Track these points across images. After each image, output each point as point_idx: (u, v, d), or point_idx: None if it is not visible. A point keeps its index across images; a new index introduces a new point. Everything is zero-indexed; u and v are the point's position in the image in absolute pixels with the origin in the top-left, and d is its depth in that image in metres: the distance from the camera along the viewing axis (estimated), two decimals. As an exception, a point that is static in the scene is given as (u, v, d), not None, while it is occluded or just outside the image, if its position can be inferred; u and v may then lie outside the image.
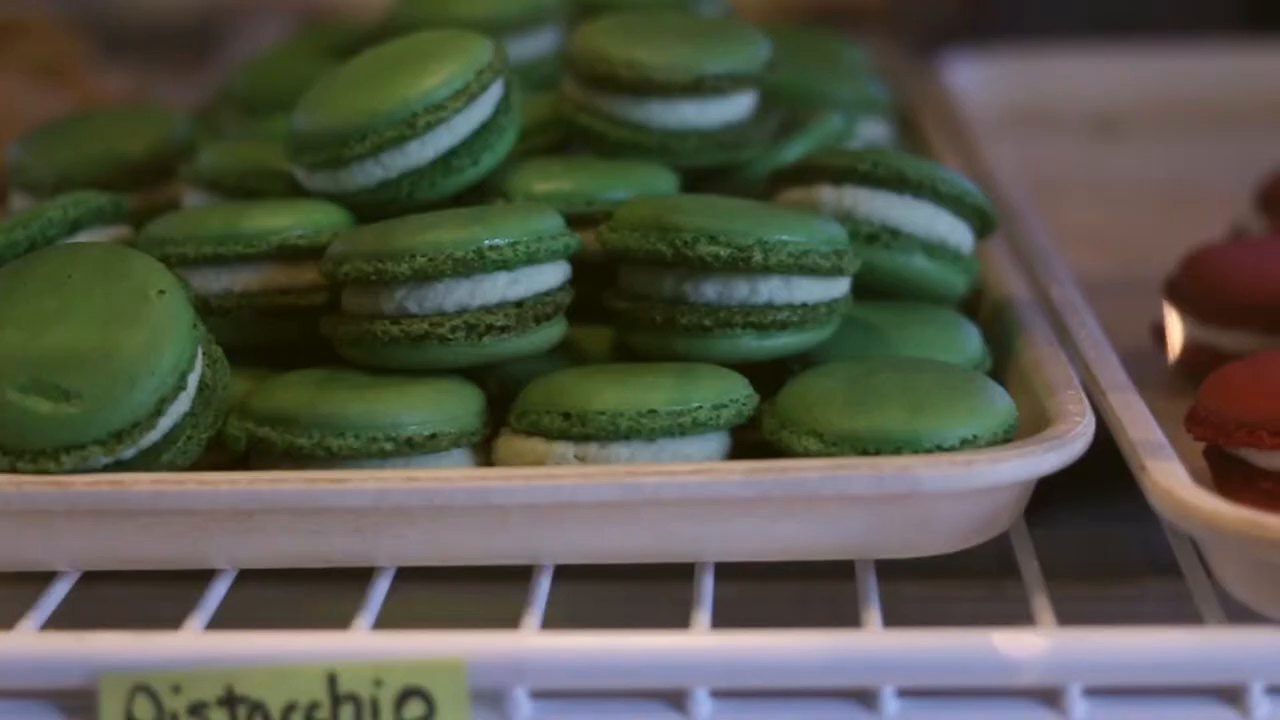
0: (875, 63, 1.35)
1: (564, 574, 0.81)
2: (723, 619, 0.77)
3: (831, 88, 1.06)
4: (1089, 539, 0.91)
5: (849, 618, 0.76)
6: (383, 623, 0.77)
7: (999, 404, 0.80)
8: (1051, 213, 1.24)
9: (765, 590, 0.86)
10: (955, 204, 0.89)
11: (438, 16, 1.04)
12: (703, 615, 0.76)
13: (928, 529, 0.78)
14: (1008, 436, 0.80)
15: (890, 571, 0.82)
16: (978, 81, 1.40)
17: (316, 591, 0.83)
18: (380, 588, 0.79)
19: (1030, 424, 0.82)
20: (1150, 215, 1.25)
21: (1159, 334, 0.97)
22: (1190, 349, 0.94)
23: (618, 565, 0.80)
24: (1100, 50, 1.45)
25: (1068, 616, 0.76)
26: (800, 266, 0.82)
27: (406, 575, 0.81)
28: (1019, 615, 0.77)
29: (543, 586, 0.79)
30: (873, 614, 0.76)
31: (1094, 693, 0.73)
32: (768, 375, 0.84)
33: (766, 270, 0.82)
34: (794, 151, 0.94)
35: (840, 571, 0.82)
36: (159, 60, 1.69)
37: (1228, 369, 0.84)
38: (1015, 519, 0.81)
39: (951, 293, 0.90)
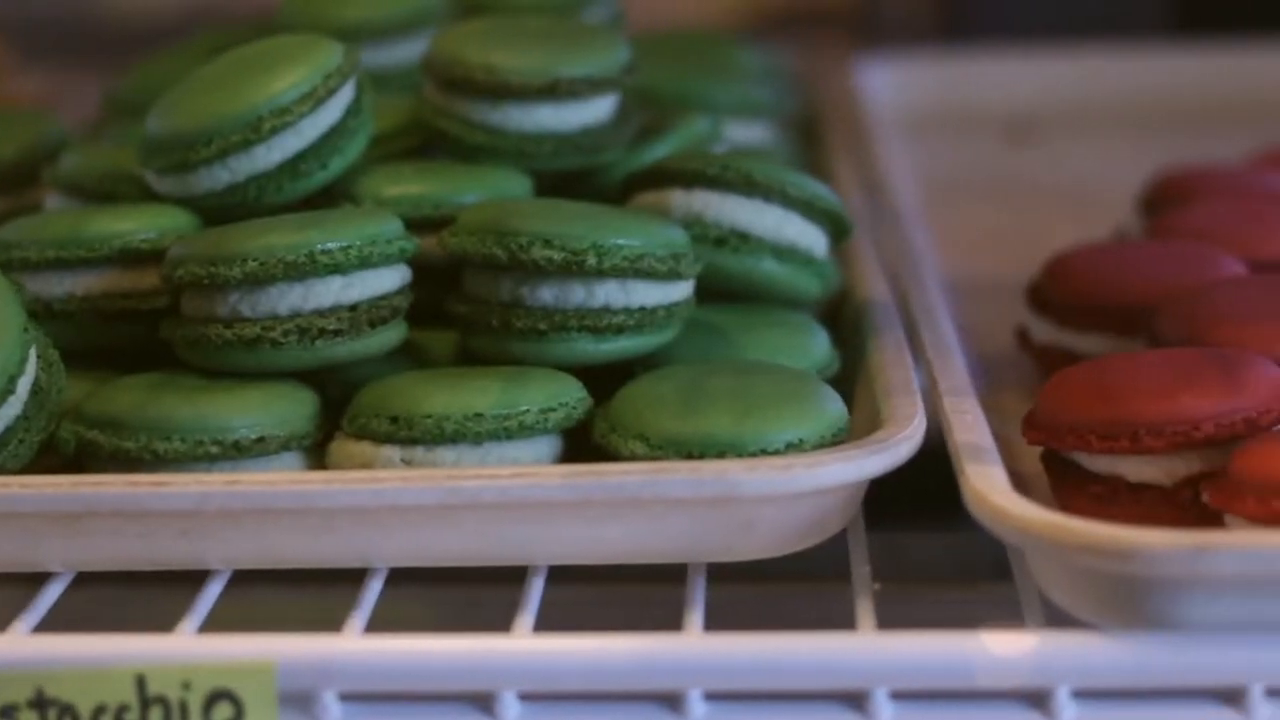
0: (793, 67, 1.36)
1: (411, 577, 0.82)
2: (552, 623, 0.77)
3: (711, 91, 1.06)
4: (934, 542, 0.91)
5: (675, 621, 0.77)
6: (219, 625, 0.77)
7: (829, 408, 0.81)
8: (955, 215, 1.24)
9: (601, 594, 0.86)
10: (806, 208, 0.89)
11: (318, 19, 1.05)
12: (525, 619, 0.76)
13: (752, 533, 0.78)
14: (836, 440, 0.80)
15: (728, 575, 0.82)
16: (894, 85, 1.40)
17: (160, 593, 0.84)
18: (212, 590, 0.79)
19: (870, 428, 0.82)
20: (1055, 218, 1.24)
21: (1022, 338, 0.96)
22: (1049, 352, 0.94)
23: (468, 569, 0.81)
24: (1016, 53, 1.45)
25: (896, 620, 0.77)
26: (636, 270, 0.82)
27: (252, 578, 0.82)
28: (844, 618, 0.77)
29: (373, 590, 0.79)
30: (694, 618, 0.76)
31: (899, 696, 0.73)
32: (618, 379, 0.84)
33: (601, 274, 0.82)
34: (654, 155, 0.94)
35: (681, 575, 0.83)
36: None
37: (1065, 373, 0.84)
38: (848, 522, 0.81)
39: (804, 296, 0.90)
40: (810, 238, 0.90)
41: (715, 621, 0.77)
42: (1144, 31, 1.60)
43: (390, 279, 0.83)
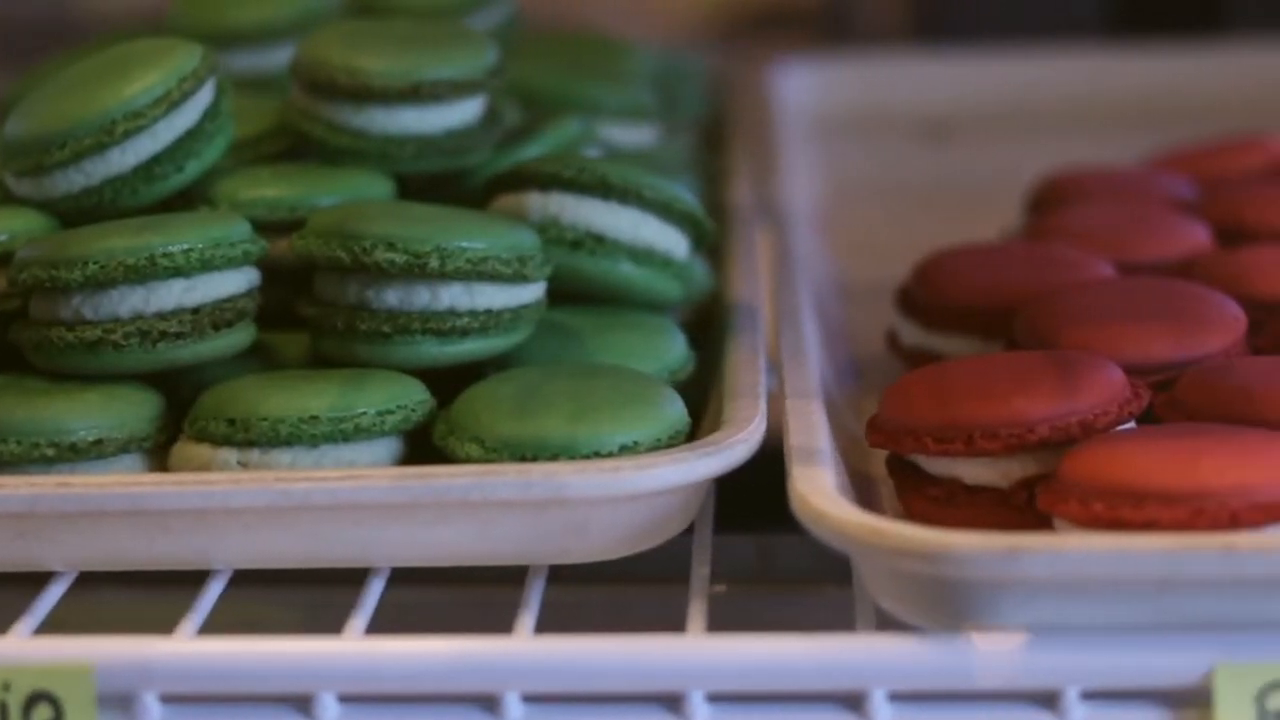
0: (713, 71, 1.36)
1: (268, 578, 0.82)
2: (396, 624, 0.77)
3: (596, 94, 1.06)
4: (793, 545, 0.91)
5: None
6: (68, 627, 0.78)
7: (667, 411, 0.81)
8: (864, 217, 1.25)
9: (455, 595, 0.87)
10: (664, 210, 0.89)
11: (202, 23, 1.05)
12: (358, 621, 0.77)
13: (586, 535, 0.79)
14: (673, 443, 0.80)
15: (579, 576, 0.83)
16: (812, 88, 1.40)
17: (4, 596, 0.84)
18: (54, 592, 0.80)
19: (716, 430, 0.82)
20: (964, 221, 1.24)
21: (891, 341, 0.96)
22: (916, 356, 0.94)
23: (328, 570, 0.81)
24: (934, 55, 1.45)
25: (734, 622, 0.77)
26: (479, 273, 0.82)
27: (110, 579, 0.82)
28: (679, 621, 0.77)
29: (214, 591, 0.79)
30: (526, 621, 0.76)
31: (717, 699, 0.73)
32: (471, 382, 0.84)
33: (444, 276, 0.82)
34: (523, 157, 0.94)
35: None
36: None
37: (908, 376, 0.84)
38: (690, 524, 0.81)
39: (663, 299, 0.90)
40: (669, 240, 0.90)
41: (554, 624, 0.77)
42: (1119, 30, 1.61)
43: (235, 282, 0.83)
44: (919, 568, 0.71)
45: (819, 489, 0.75)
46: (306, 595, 0.90)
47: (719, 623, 0.77)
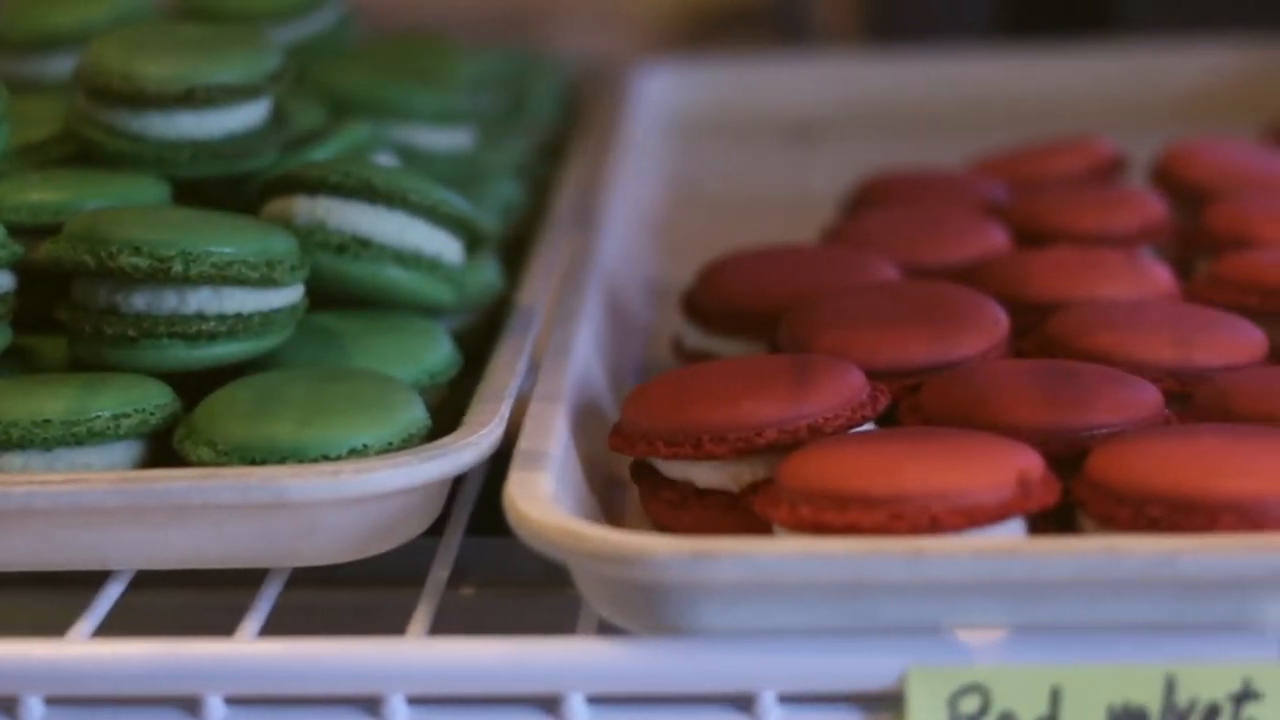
0: (573, 74, 1.36)
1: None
2: (124, 627, 0.78)
3: (408, 98, 1.06)
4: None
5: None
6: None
7: (403, 414, 0.81)
8: (710, 219, 1.24)
9: (205, 599, 0.87)
10: (430, 214, 0.90)
11: (29, 25, 1.06)
12: (84, 625, 0.77)
13: (315, 538, 0.79)
14: (406, 446, 0.80)
15: (331, 579, 0.83)
16: (675, 90, 1.40)
17: None
18: None
19: (471, 433, 0.82)
20: (811, 223, 1.24)
21: (676, 345, 0.96)
22: (698, 359, 0.94)
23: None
24: (797, 58, 1.45)
25: (470, 625, 0.77)
26: (225, 277, 0.83)
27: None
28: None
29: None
30: (249, 624, 0.77)
31: (416, 701, 0.73)
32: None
33: (189, 281, 0.83)
34: (309, 161, 0.94)
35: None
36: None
37: (651, 380, 0.84)
38: (426, 526, 0.82)
39: (433, 302, 0.90)
40: (438, 244, 0.90)
41: (299, 627, 0.77)
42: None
43: (-13, 285, 0.84)
44: (615, 572, 0.72)
45: (529, 493, 0.75)
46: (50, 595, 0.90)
47: (458, 625, 0.77)
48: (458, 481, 0.87)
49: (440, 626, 0.78)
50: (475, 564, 0.86)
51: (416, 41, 1.16)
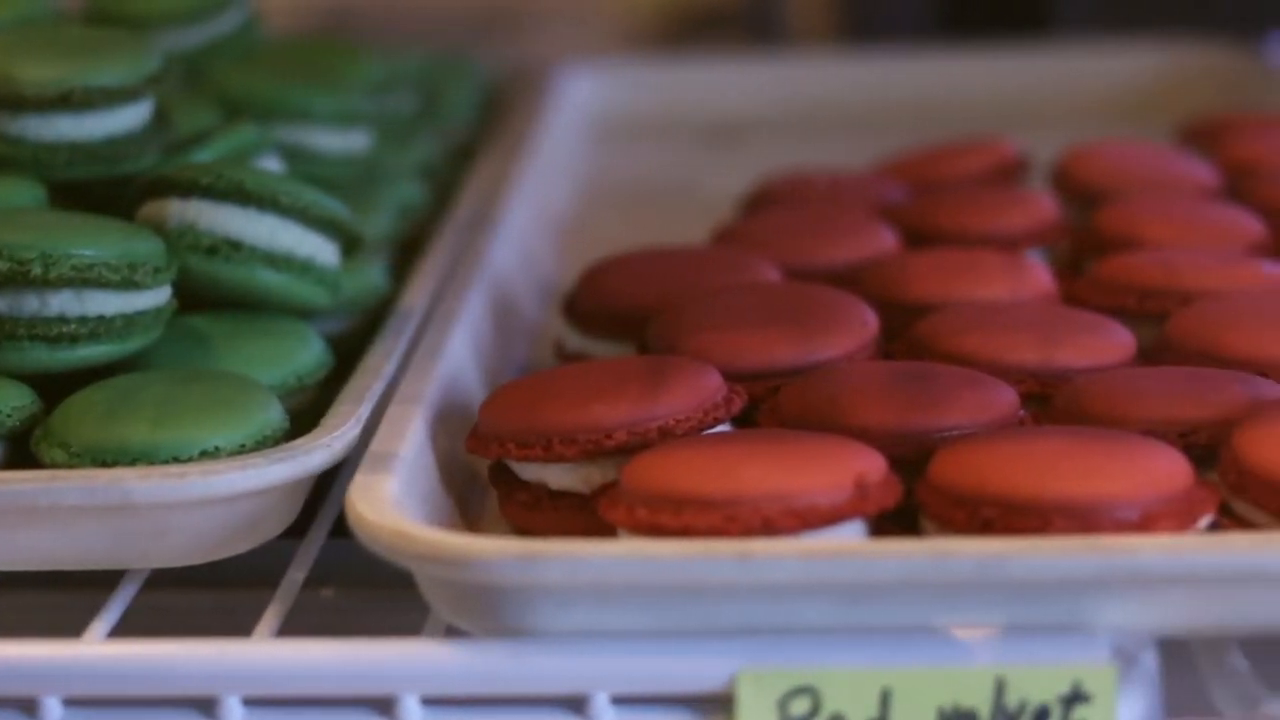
0: (503, 74, 1.36)
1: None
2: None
3: (302, 100, 1.06)
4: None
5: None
6: None
7: (257, 416, 0.81)
8: (614, 221, 1.24)
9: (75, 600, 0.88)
10: (302, 216, 0.90)
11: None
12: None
13: (166, 540, 0.79)
14: (261, 448, 0.80)
15: (182, 581, 0.84)
16: (598, 92, 1.40)
17: None
18: None
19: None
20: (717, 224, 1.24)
21: (557, 347, 0.96)
22: (577, 361, 0.94)
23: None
24: (716, 59, 1.45)
25: (327, 627, 0.77)
26: (86, 280, 0.83)
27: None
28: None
29: None
30: (98, 626, 0.77)
31: (253, 702, 0.73)
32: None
33: (49, 283, 0.83)
34: (184, 163, 0.94)
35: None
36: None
37: (509, 383, 0.84)
38: (283, 527, 0.82)
39: (307, 304, 0.90)
40: (311, 246, 0.90)
41: (143, 628, 0.78)
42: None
43: None
44: (447, 574, 0.72)
45: (370, 495, 0.75)
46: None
47: (314, 627, 0.77)
48: (325, 483, 0.87)
49: (297, 628, 0.78)
50: (339, 566, 0.86)
51: (321, 44, 1.16)
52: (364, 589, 0.87)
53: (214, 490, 0.78)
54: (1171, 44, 1.46)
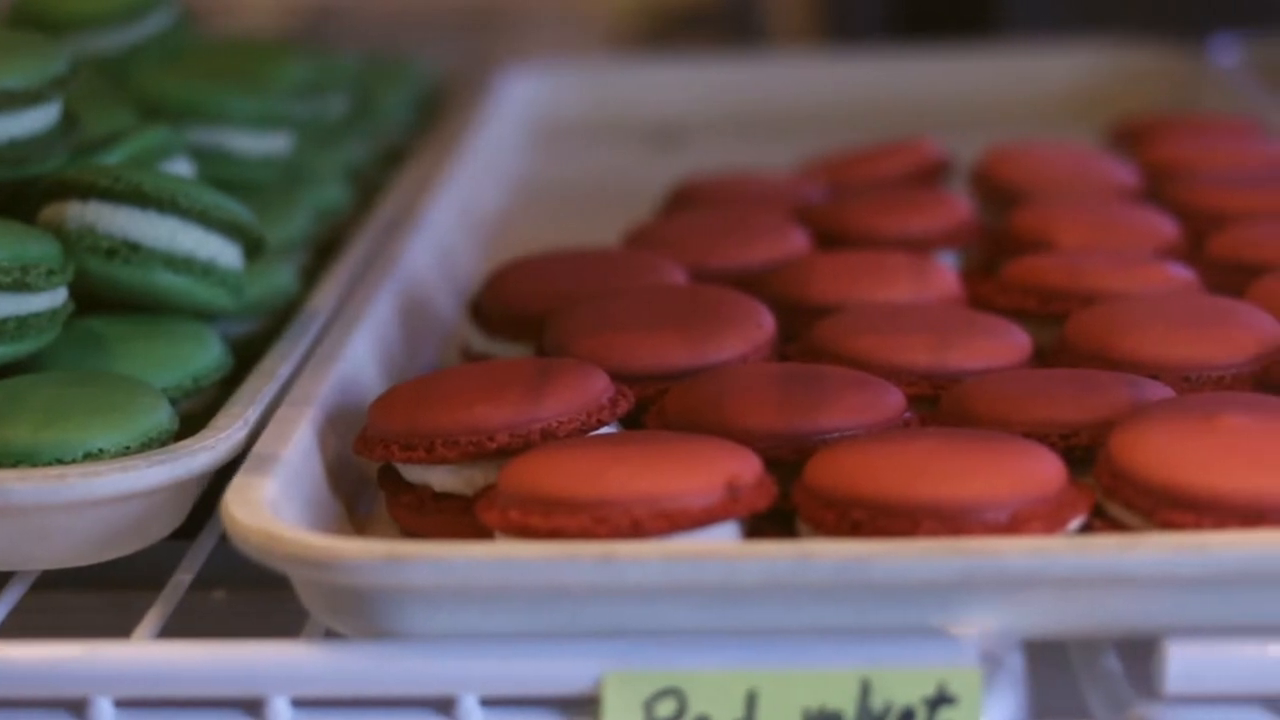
0: (445, 75, 1.36)
1: None
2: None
3: (222, 102, 1.06)
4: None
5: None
6: None
7: (143, 418, 0.81)
8: (546, 223, 1.24)
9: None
10: (202, 218, 0.90)
11: None
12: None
13: (50, 542, 0.79)
14: (147, 449, 0.81)
15: (73, 582, 0.84)
16: (542, 93, 1.40)
17: None
18: None
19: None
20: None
21: (464, 351, 0.96)
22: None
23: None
24: (661, 62, 1.45)
25: (200, 629, 0.77)
26: (-28, 284, 0.83)
27: None
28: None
29: None
30: (-16, 629, 0.78)
31: (124, 704, 0.73)
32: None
33: (-63, 286, 0.83)
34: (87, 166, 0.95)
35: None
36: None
37: (398, 385, 0.84)
38: (172, 528, 0.82)
39: (208, 306, 0.90)
40: (212, 249, 0.90)
41: (27, 629, 0.78)
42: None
43: None
44: (313, 575, 0.72)
45: (245, 497, 0.75)
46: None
47: (200, 629, 0.78)
48: (220, 485, 0.87)
49: (181, 630, 0.78)
50: (231, 568, 0.86)
51: (250, 45, 1.16)
52: (253, 591, 0.87)
53: (95, 492, 0.78)
54: (1119, 45, 1.46)
